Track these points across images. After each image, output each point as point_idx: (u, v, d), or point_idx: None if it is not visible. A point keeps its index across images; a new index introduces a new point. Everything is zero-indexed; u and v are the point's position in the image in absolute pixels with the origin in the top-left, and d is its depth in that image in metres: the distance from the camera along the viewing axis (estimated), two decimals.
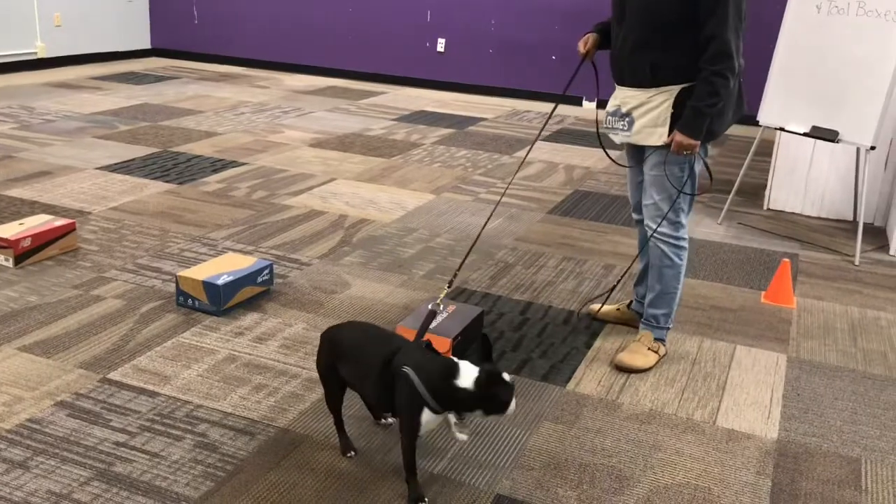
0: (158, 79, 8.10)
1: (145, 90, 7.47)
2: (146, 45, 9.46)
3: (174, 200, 4.42)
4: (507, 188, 4.04)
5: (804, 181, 4.82)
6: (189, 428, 2.40)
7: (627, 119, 2.78)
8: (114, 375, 2.65)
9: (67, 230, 3.61)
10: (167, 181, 4.74)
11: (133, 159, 5.17)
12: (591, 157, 5.92)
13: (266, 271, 3.32)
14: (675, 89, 2.66)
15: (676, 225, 2.84)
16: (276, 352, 2.88)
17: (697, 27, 2.57)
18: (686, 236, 2.89)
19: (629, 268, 3.43)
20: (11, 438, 2.30)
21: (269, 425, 2.44)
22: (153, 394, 2.57)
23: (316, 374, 2.72)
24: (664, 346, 2.99)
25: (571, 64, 7.90)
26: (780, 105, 4.37)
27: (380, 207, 4.54)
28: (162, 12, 9.37)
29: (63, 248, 3.60)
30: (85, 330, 2.94)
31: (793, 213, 4.87)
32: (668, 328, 3.00)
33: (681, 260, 2.88)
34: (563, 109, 7.76)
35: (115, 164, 5.05)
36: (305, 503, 2.11)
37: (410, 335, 2.83)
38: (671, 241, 2.85)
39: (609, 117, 2.87)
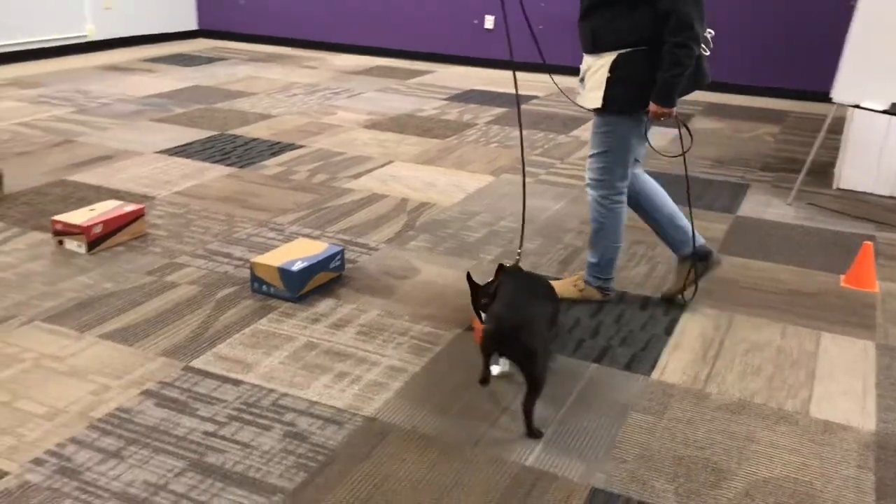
0: (208, 60, 8.10)
1: (196, 72, 7.48)
2: (193, 26, 9.47)
3: (237, 184, 4.42)
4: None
5: (877, 160, 4.67)
6: (276, 417, 2.39)
7: (582, 83, 2.97)
8: (196, 363, 2.65)
9: (137, 216, 3.62)
10: (228, 164, 4.74)
11: (192, 143, 5.17)
12: (652, 137, 5.79)
13: (338, 257, 3.30)
14: (612, 55, 2.80)
15: (607, 184, 3.02)
16: (354, 339, 2.86)
17: None
18: (616, 199, 3.04)
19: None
20: (103, 428, 2.30)
21: (356, 414, 2.42)
22: (237, 382, 2.56)
23: (397, 363, 2.71)
24: (597, 290, 3.18)
25: None
26: (856, 82, 4.22)
27: (440, 190, 4.49)
28: None
29: (133, 234, 3.61)
30: (163, 317, 2.95)
31: (864, 193, 4.72)
32: (601, 278, 3.15)
33: (604, 218, 3.06)
34: None
35: (175, 147, 5.06)
36: (400, 495, 2.09)
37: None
38: (599, 198, 3.05)
39: (579, 82, 3.04)
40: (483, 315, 2.62)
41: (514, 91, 7.15)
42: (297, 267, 3.11)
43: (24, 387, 2.48)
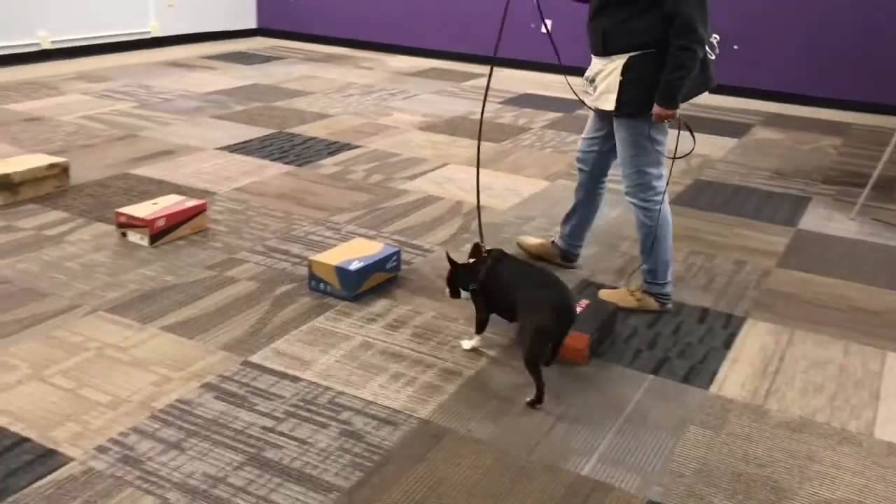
0: (266, 59, 8.22)
1: (255, 70, 7.59)
2: (252, 24, 9.61)
3: (294, 182, 4.47)
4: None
5: None
6: (333, 415, 2.41)
7: (593, 85, 3.04)
8: (255, 359, 2.69)
9: (198, 210, 3.69)
10: (286, 163, 4.80)
11: (251, 140, 5.25)
12: (708, 145, 5.72)
13: (394, 258, 3.32)
14: (624, 58, 2.85)
15: (644, 187, 3.03)
16: (410, 340, 2.87)
17: (648, 1, 2.75)
18: (656, 199, 3.03)
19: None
20: (164, 419, 2.35)
21: (411, 416, 2.43)
22: (295, 378, 2.59)
23: (451, 366, 2.71)
24: (654, 299, 3.16)
25: None
26: None
27: (495, 194, 4.49)
28: None
29: (194, 229, 3.67)
30: (223, 311, 2.99)
31: None
32: (659, 284, 3.14)
33: (651, 221, 3.06)
34: None
35: (235, 144, 5.14)
36: (455, 499, 2.09)
37: None
38: (639, 203, 3.06)
39: (585, 81, 3.12)
40: (460, 292, 2.79)
41: (568, 96, 7.12)
42: (354, 266, 3.13)
43: (89, 375, 2.54)
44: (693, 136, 3.14)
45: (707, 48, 2.83)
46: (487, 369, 2.71)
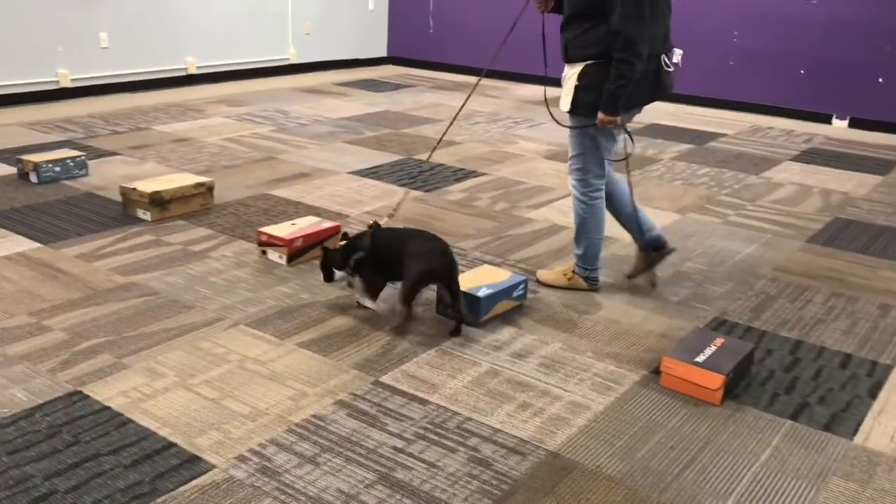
0: (396, 87, 8.44)
1: (385, 97, 7.81)
2: (382, 53, 9.92)
3: (422, 207, 4.56)
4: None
5: None
6: (461, 440, 2.43)
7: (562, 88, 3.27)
8: (385, 379, 2.75)
9: (333, 232, 3.81)
10: (414, 188, 4.90)
11: (381, 165, 5.40)
12: (849, 181, 5.46)
13: (521, 286, 3.32)
14: (581, 65, 3.13)
15: (584, 183, 3.35)
16: (537, 370, 2.86)
17: (602, 16, 3.01)
18: (595, 195, 3.36)
19: None
20: (300, 433, 2.43)
21: (539, 447, 2.41)
22: (423, 401, 2.63)
23: (580, 399, 2.68)
24: (584, 281, 3.49)
25: (821, 78, 7.36)
26: None
27: None
28: (400, 22, 9.78)
29: None
30: (355, 331, 3.08)
31: None
32: (589, 269, 3.46)
33: (586, 213, 3.38)
34: (811, 127, 7.24)
35: (366, 168, 5.29)
36: None
37: (677, 367, 2.72)
38: (579, 196, 3.37)
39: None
40: (333, 275, 3.19)
41: (699, 127, 6.96)
42: (482, 293, 3.15)
43: (231, 386, 2.66)
44: (632, 140, 3.35)
45: (663, 60, 3.14)
46: (618, 406, 2.66)
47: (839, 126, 7.32)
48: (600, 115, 3.10)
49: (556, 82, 3.37)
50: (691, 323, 3.27)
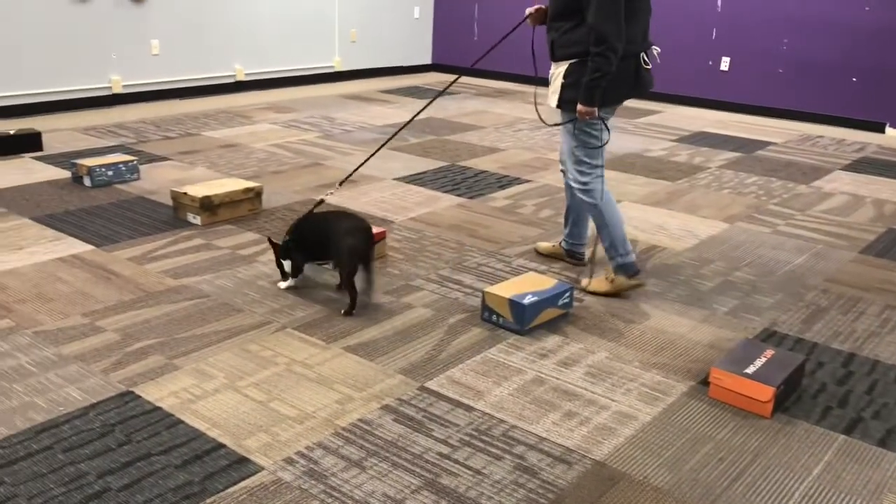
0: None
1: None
2: (427, 60, 9.96)
3: (466, 214, 4.56)
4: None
5: None
6: (507, 448, 2.42)
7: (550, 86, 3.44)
8: (431, 385, 2.75)
9: (379, 238, 3.83)
10: (458, 195, 4.91)
11: (425, 172, 5.42)
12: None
13: (567, 294, 3.31)
14: (566, 64, 3.32)
15: (581, 173, 3.47)
16: (583, 379, 2.84)
17: (582, 16, 3.20)
18: (592, 182, 3.45)
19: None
20: (346, 436, 2.45)
21: (585, 456, 2.40)
22: (469, 408, 2.62)
23: (627, 409, 2.66)
24: (620, 276, 3.49)
25: (874, 85, 7.21)
26: None
27: (670, 234, 4.38)
28: (444, 29, 9.82)
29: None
30: (400, 336, 3.09)
31: None
32: (620, 254, 3.46)
33: (593, 199, 3.46)
34: (864, 136, 7.10)
35: (410, 175, 5.32)
36: None
37: (726, 378, 2.68)
38: (580, 186, 3.48)
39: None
40: (288, 268, 3.43)
41: (747, 136, 6.86)
42: (527, 300, 3.14)
43: (278, 389, 2.69)
44: (608, 129, 3.43)
45: (642, 58, 3.30)
46: (665, 417, 2.63)
47: (893, 135, 7.16)
48: (579, 107, 3.27)
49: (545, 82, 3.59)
50: (740, 334, 3.22)
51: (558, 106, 3.39)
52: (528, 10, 3.55)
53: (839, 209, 4.94)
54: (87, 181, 4.81)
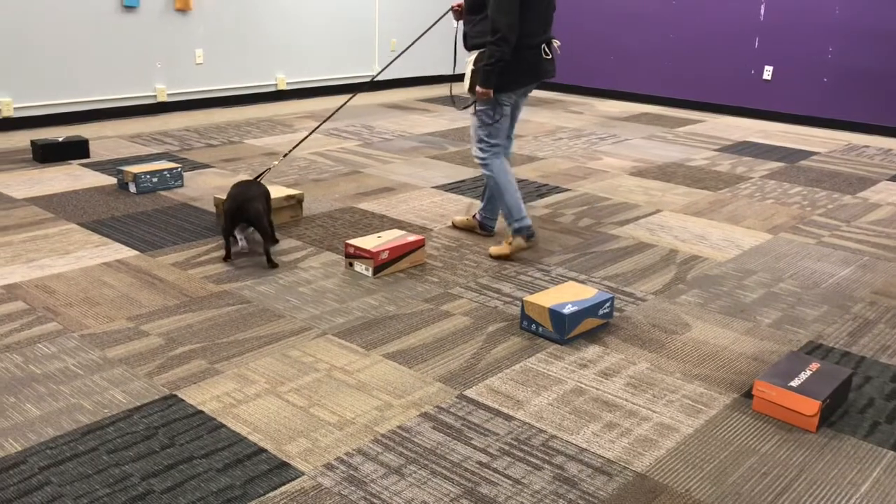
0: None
1: (466, 113, 7.83)
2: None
3: (504, 223, 4.54)
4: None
5: None
6: (546, 458, 2.41)
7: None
8: (470, 393, 2.75)
9: (418, 245, 3.85)
10: None
11: (464, 180, 5.42)
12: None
13: (607, 304, 3.28)
14: (474, 53, 3.74)
15: (481, 150, 3.91)
16: (623, 390, 2.82)
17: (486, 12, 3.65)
18: (489, 158, 3.89)
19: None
20: (386, 443, 2.45)
21: (626, 468, 2.37)
22: (508, 417, 2.62)
23: (668, 421, 2.63)
24: (516, 238, 3.93)
25: None
26: None
27: (712, 244, 4.33)
28: None
29: (413, 262, 3.84)
30: (439, 344, 3.09)
31: None
32: (517, 220, 3.90)
33: (490, 172, 3.91)
34: None
35: (448, 183, 5.33)
36: None
37: (771, 391, 2.64)
38: (480, 160, 3.93)
39: None
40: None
41: (790, 145, 6.76)
42: (567, 310, 3.13)
43: (318, 395, 2.71)
44: (507, 116, 3.86)
45: (543, 49, 3.75)
46: (708, 429, 2.60)
47: None
48: (477, 88, 3.70)
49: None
50: (784, 346, 3.17)
51: (469, 89, 3.78)
52: (453, 6, 3.94)
53: (887, 220, 4.84)
54: (132, 188, 4.90)
